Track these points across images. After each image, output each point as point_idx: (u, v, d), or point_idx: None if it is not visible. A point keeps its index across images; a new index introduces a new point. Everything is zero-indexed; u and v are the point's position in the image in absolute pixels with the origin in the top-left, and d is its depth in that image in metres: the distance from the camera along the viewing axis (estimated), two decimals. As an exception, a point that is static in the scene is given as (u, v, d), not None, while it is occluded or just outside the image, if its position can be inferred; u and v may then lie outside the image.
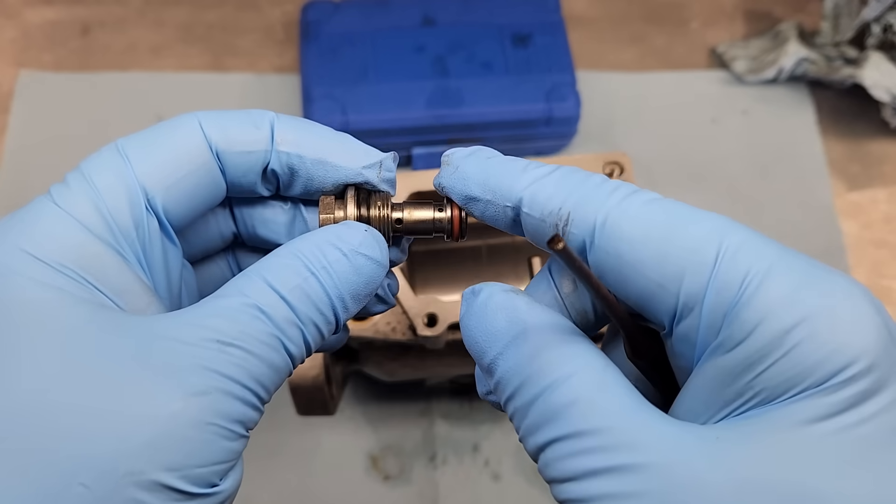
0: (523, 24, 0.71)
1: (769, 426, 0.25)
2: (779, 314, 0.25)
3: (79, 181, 0.30)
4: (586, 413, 0.26)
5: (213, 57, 0.76)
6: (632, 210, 0.28)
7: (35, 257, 0.28)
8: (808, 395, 0.25)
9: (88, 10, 0.77)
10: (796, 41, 0.73)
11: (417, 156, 0.69)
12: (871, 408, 0.25)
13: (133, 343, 0.27)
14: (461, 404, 0.63)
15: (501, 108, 0.68)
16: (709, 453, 0.25)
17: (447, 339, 0.52)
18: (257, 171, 0.32)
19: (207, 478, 0.27)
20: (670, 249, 0.27)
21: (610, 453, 0.25)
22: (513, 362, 0.28)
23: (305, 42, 0.70)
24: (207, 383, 0.27)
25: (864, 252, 0.69)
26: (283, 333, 0.28)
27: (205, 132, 0.31)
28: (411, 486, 0.61)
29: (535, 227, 0.30)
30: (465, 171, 0.31)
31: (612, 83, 0.76)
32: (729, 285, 0.26)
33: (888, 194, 0.72)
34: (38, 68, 0.75)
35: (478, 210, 0.31)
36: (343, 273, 0.30)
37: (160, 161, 0.30)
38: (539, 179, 0.30)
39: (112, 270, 0.29)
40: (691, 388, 0.28)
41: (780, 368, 0.25)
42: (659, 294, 0.27)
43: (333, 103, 0.67)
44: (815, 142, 0.73)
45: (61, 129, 0.72)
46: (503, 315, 0.29)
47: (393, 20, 0.71)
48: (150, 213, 0.30)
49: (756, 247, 0.26)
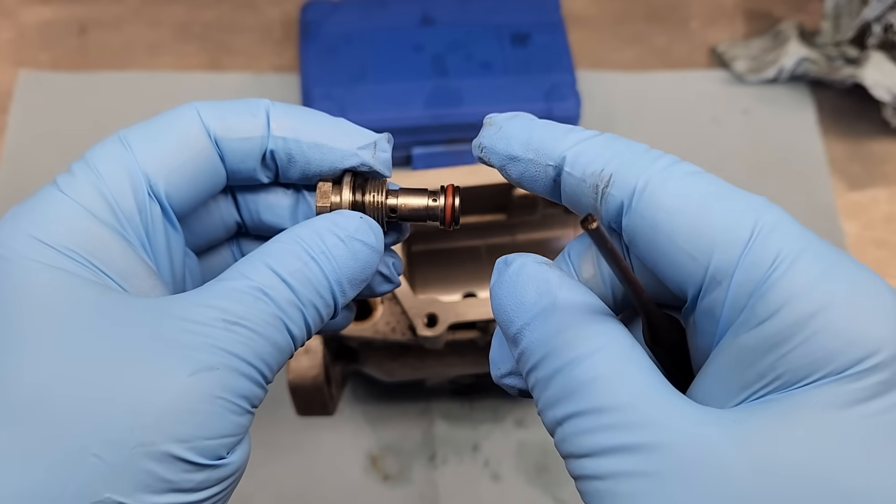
0: (523, 24, 0.71)
1: (790, 410, 0.25)
2: (806, 297, 0.25)
3: (83, 169, 0.31)
4: (607, 389, 0.26)
5: (211, 56, 0.76)
6: (673, 179, 0.28)
7: (43, 242, 0.29)
8: (829, 382, 0.25)
9: (85, 9, 0.77)
10: (797, 41, 0.73)
11: (417, 156, 0.68)
12: (889, 400, 0.25)
13: (141, 322, 0.28)
14: (461, 404, 0.63)
15: (501, 107, 0.67)
16: (729, 435, 0.25)
17: (447, 339, 0.52)
18: (256, 156, 0.33)
19: (216, 450, 0.27)
20: (705, 222, 0.27)
21: (629, 431, 0.25)
22: (539, 333, 0.28)
23: (304, 41, 0.70)
24: (215, 359, 0.27)
25: (865, 252, 0.69)
26: (286, 314, 0.29)
27: (203, 120, 0.32)
28: (411, 486, 0.61)
29: (575, 187, 0.30)
30: (509, 130, 0.31)
31: (612, 83, 0.75)
32: (759, 264, 0.26)
33: (889, 194, 0.72)
34: (35, 68, 0.75)
35: (517, 170, 0.31)
36: (341, 258, 0.31)
37: (161, 149, 0.31)
38: (583, 141, 0.30)
39: (117, 254, 0.30)
40: (711, 368, 0.28)
41: (803, 351, 0.25)
42: (688, 264, 0.27)
43: (332, 103, 0.67)
44: (815, 141, 0.73)
45: (60, 128, 0.72)
46: (534, 286, 0.29)
47: (392, 19, 0.71)
48: (152, 198, 0.31)
49: (789, 230, 0.27)
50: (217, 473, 0.28)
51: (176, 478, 0.27)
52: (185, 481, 0.27)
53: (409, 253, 0.58)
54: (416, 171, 0.66)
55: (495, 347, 0.32)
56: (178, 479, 0.27)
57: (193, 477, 0.27)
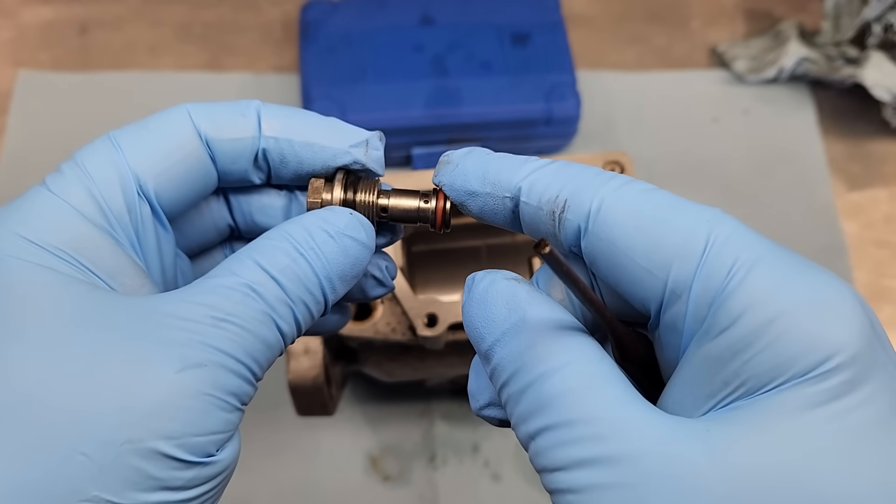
0: (523, 24, 0.71)
1: (757, 416, 0.25)
2: (764, 303, 0.25)
3: (72, 169, 0.31)
4: (578, 402, 0.26)
5: (212, 56, 0.76)
6: (626, 198, 0.29)
7: (30, 241, 0.29)
8: (793, 385, 0.25)
9: (86, 10, 0.77)
10: (797, 41, 0.73)
11: (417, 156, 0.68)
12: (855, 398, 0.25)
13: (128, 319, 0.28)
14: (461, 405, 0.63)
15: (501, 107, 0.68)
16: (699, 443, 0.25)
17: (447, 339, 0.52)
18: (247, 157, 0.33)
19: (204, 447, 0.27)
20: (661, 237, 0.28)
21: (599, 443, 0.25)
22: (510, 349, 0.28)
23: (304, 42, 0.70)
24: (203, 356, 0.27)
25: (865, 252, 0.69)
26: (275, 311, 0.29)
27: (194, 121, 0.32)
28: (411, 487, 0.61)
29: (533, 215, 0.30)
30: (465, 167, 0.32)
31: (612, 83, 0.75)
32: (716, 274, 0.26)
33: (889, 194, 0.72)
34: (35, 68, 0.75)
35: (477, 205, 0.32)
36: (330, 254, 0.31)
37: (151, 149, 0.31)
38: (537, 170, 0.31)
39: (106, 253, 0.30)
40: (678, 379, 0.28)
41: (764, 357, 0.25)
42: (648, 280, 0.28)
43: (332, 103, 0.67)
44: (815, 141, 0.73)
45: (60, 128, 0.72)
46: (503, 301, 0.29)
47: (392, 19, 0.71)
48: (142, 198, 0.31)
49: (744, 238, 0.27)
50: (206, 471, 0.28)
51: (165, 475, 0.27)
52: (174, 479, 0.27)
53: (409, 253, 0.58)
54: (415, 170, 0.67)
55: (472, 379, 0.32)
56: (167, 476, 0.27)
57: (182, 474, 0.27)
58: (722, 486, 0.24)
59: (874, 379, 0.25)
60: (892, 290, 0.68)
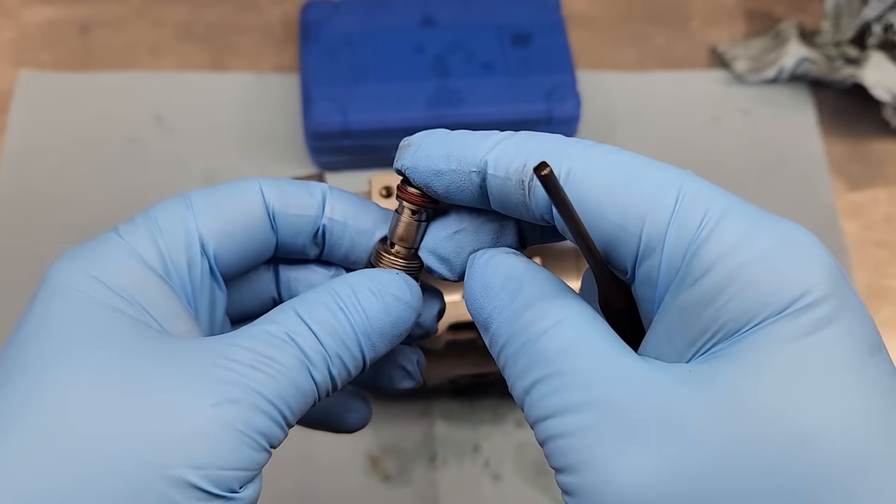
0: (523, 24, 0.71)
1: (736, 353, 0.26)
2: (736, 249, 0.26)
3: (145, 220, 0.33)
4: (570, 353, 0.27)
5: (213, 56, 0.76)
6: (594, 159, 0.29)
7: (94, 277, 0.31)
8: (770, 323, 0.26)
9: (87, 9, 0.77)
10: (797, 41, 0.73)
11: (417, 156, 0.68)
12: (830, 334, 0.26)
13: (175, 354, 0.29)
14: (461, 405, 0.63)
15: (501, 108, 0.68)
16: (684, 381, 0.26)
17: (447, 339, 0.52)
18: (308, 233, 0.35)
19: (228, 482, 0.28)
20: (632, 194, 0.28)
21: (588, 388, 0.26)
22: (507, 314, 0.29)
23: (305, 42, 0.70)
24: (238, 394, 0.28)
25: (865, 252, 0.69)
26: (310, 361, 0.30)
27: (263, 194, 0.34)
28: (411, 487, 0.61)
29: (502, 187, 0.30)
30: (428, 147, 0.32)
31: (612, 83, 0.75)
32: (688, 225, 0.27)
33: (889, 194, 0.72)
34: (37, 68, 0.75)
35: (443, 184, 0.32)
36: (371, 311, 0.32)
37: (219, 212, 0.33)
38: (501, 141, 0.31)
39: (162, 299, 0.32)
40: (656, 330, 0.29)
41: (740, 299, 0.26)
42: (622, 237, 0.28)
43: (333, 103, 0.67)
44: (815, 142, 0.73)
45: (61, 128, 0.72)
46: (502, 272, 0.30)
47: (393, 20, 0.71)
48: (203, 256, 0.33)
49: (713, 192, 0.28)
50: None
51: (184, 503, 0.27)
52: None
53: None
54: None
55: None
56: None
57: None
58: (705, 417, 0.25)
59: (847, 317, 0.26)
60: (892, 290, 0.68)
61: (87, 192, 0.69)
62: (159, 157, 0.71)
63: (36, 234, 0.68)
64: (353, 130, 0.66)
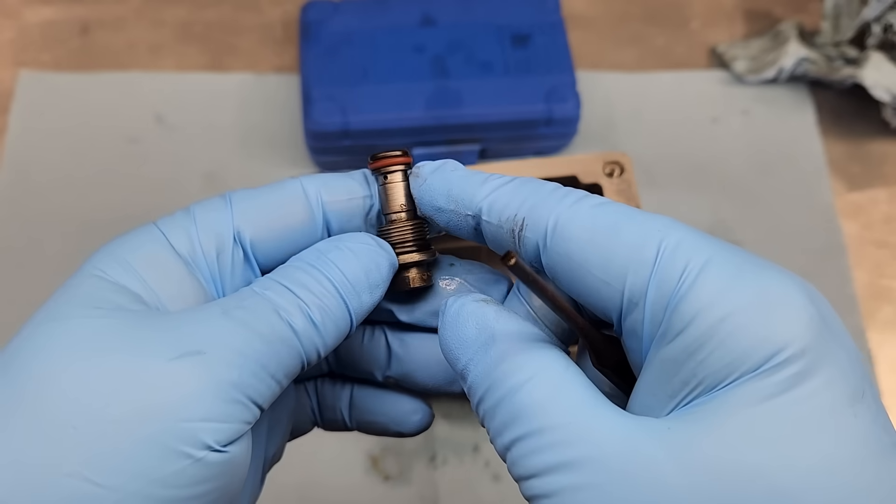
0: (523, 24, 0.71)
1: (714, 411, 0.26)
2: (714, 305, 0.27)
3: (183, 212, 0.34)
4: (545, 411, 0.28)
5: (213, 56, 0.76)
6: (580, 213, 0.30)
7: (118, 259, 0.32)
8: (746, 381, 0.26)
9: (87, 9, 0.77)
10: (796, 41, 0.73)
11: (417, 156, 0.68)
12: (806, 389, 0.26)
13: (150, 323, 0.30)
14: (461, 404, 0.63)
15: (501, 108, 0.68)
16: (661, 440, 0.26)
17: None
18: (360, 214, 0.35)
19: (196, 433, 0.28)
20: (615, 249, 0.29)
21: (567, 448, 0.27)
22: (482, 367, 0.30)
23: (305, 42, 0.70)
24: (203, 346, 0.29)
25: (865, 252, 0.69)
26: (285, 310, 0.31)
27: (303, 185, 0.35)
28: (411, 487, 0.61)
29: (494, 233, 0.32)
30: (431, 184, 0.33)
31: (612, 83, 0.75)
32: (668, 280, 0.28)
33: (888, 194, 0.72)
34: (37, 68, 0.75)
35: (443, 220, 0.33)
36: (342, 262, 0.32)
37: (256, 204, 0.34)
38: (496, 189, 0.32)
39: (176, 281, 0.32)
40: (642, 382, 0.29)
41: (718, 355, 0.26)
42: (605, 291, 0.29)
43: (333, 104, 0.67)
44: (815, 142, 0.73)
45: (61, 128, 0.72)
46: (473, 323, 0.31)
47: (392, 20, 0.71)
48: (237, 244, 0.34)
49: (694, 243, 0.28)
50: (197, 467, 0.28)
51: (148, 461, 0.27)
52: (158, 468, 0.27)
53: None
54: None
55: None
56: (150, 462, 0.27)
57: (168, 464, 0.27)
58: (683, 480, 0.25)
59: (825, 369, 0.26)
60: (892, 290, 0.68)
61: (87, 192, 0.69)
62: (159, 157, 0.71)
63: (36, 234, 0.68)
64: (352, 130, 0.66)
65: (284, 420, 0.39)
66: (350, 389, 0.40)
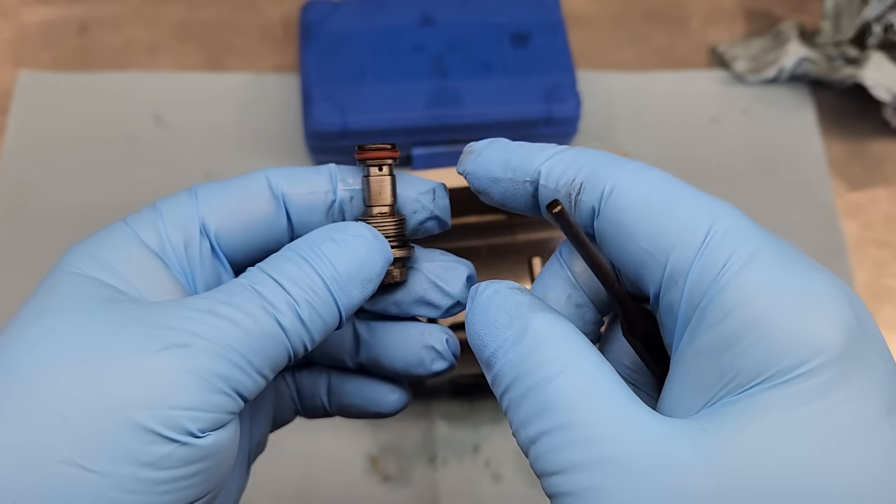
0: (523, 24, 0.71)
1: (744, 413, 0.26)
2: (755, 298, 0.26)
3: (150, 208, 0.35)
4: (575, 406, 0.27)
5: (211, 56, 0.76)
6: (638, 183, 0.30)
7: (91, 255, 0.33)
8: (777, 384, 0.26)
9: (85, 9, 0.77)
10: (797, 41, 0.73)
11: (417, 156, 0.68)
12: (838, 398, 0.25)
13: (134, 313, 0.30)
14: (461, 405, 0.63)
15: (501, 108, 0.68)
16: (691, 443, 0.26)
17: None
18: (321, 209, 0.36)
19: (180, 421, 0.28)
20: (665, 224, 0.29)
21: (595, 446, 0.26)
22: (512, 355, 0.29)
23: (305, 42, 0.70)
24: (188, 338, 0.29)
25: (865, 252, 0.69)
26: (274, 307, 0.30)
27: (269, 179, 0.35)
28: (411, 488, 0.61)
29: (551, 198, 0.32)
30: (488, 155, 0.34)
31: (612, 83, 0.75)
32: (712, 266, 0.27)
33: (889, 194, 0.72)
34: (35, 68, 0.75)
35: (499, 191, 0.33)
36: (334, 256, 0.32)
37: (220, 196, 0.35)
38: (555, 155, 0.32)
39: (151, 273, 0.33)
40: (676, 372, 0.29)
41: (753, 352, 0.26)
42: (649, 262, 0.29)
43: (332, 104, 0.67)
44: (815, 142, 0.73)
45: (60, 128, 0.72)
46: (506, 309, 0.30)
47: (392, 20, 0.71)
48: (203, 235, 0.34)
49: (744, 232, 0.28)
50: (183, 451, 0.28)
51: (136, 448, 0.27)
52: (145, 452, 0.27)
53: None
54: (416, 170, 0.67)
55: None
56: (137, 448, 0.27)
57: (155, 449, 0.28)
58: (711, 484, 0.25)
59: (858, 378, 0.26)
60: (892, 290, 0.68)
61: (87, 192, 0.69)
62: (159, 157, 0.71)
63: (36, 234, 0.67)
64: (352, 130, 0.66)
65: (266, 410, 0.39)
66: (327, 376, 0.40)
